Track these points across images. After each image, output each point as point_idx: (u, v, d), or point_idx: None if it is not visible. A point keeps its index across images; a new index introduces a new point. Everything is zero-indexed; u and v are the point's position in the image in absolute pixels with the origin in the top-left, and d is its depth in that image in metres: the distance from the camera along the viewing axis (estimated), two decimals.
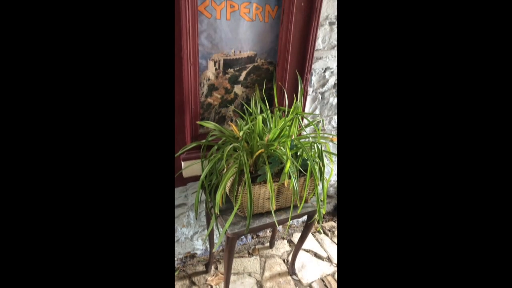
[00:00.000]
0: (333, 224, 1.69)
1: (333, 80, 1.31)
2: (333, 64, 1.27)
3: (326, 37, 1.19)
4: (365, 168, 0.46)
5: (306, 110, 1.31)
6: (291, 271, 1.36)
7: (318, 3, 1.02)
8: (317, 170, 0.87)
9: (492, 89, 0.38)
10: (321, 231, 1.64)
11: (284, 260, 1.44)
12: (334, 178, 1.66)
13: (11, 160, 0.37)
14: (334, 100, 1.38)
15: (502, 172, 0.39)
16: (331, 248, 1.53)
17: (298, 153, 0.94)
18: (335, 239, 1.58)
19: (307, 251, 1.51)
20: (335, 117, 1.44)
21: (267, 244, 1.53)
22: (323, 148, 1.00)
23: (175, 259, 1.35)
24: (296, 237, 1.59)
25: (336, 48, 1.24)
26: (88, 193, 0.41)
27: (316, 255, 1.50)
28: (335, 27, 1.19)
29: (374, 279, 0.45)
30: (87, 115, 0.40)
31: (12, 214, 0.37)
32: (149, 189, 0.44)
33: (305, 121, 1.29)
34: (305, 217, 1.50)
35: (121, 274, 0.42)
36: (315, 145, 0.89)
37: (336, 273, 1.37)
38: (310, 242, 1.56)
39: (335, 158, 1.52)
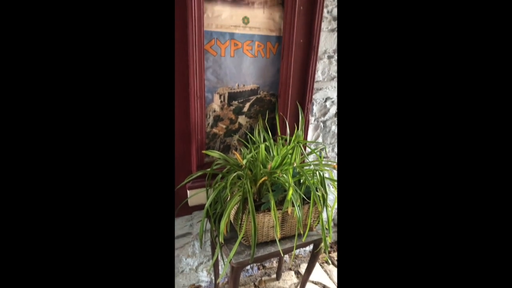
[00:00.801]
0: None
1: (334, 109, 1.36)
2: (333, 94, 1.33)
3: (325, 69, 1.26)
4: (365, 196, 0.47)
5: (309, 139, 1.35)
6: None
7: (316, 39, 1.10)
8: (320, 197, 0.88)
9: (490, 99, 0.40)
10: (329, 261, 1.59)
11: None
12: None
13: (7, 163, 0.38)
14: (335, 128, 1.41)
15: (503, 176, 0.40)
16: None
17: (301, 181, 0.96)
18: None
19: (315, 283, 1.46)
20: None
21: (274, 276, 1.48)
22: (326, 176, 1.02)
23: None
24: (303, 268, 1.54)
25: (335, 79, 1.30)
26: (86, 223, 0.42)
27: (324, 287, 1.44)
28: (333, 60, 1.26)
29: None
30: (89, 143, 0.42)
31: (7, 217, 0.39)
32: (148, 223, 0.45)
33: (309, 149, 1.32)
34: (312, 247, 1.47)
35: None
36: (317, 173, 0.91)
37: None
38: (318, 273, 1.51)
39: None
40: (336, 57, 1.25)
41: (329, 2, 1.14)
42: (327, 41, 1.21)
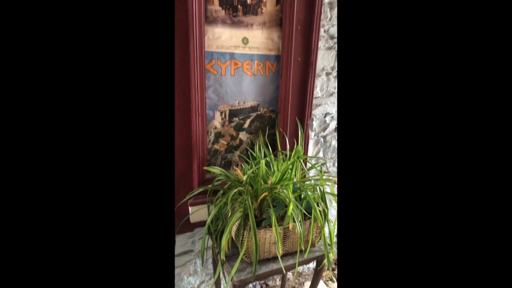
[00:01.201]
0: None
1: (333, 124, 1.38)
2: (332, 109, 1.35)
3: (324, 85, 1.29)
4: (365, 211, 0.47)
5: (309, 154, 1.36)
6: None
7: (313, 57, 1.14)
8: (321, 212, 0.88)
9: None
10: (334, 279, 1.56)
11: None
12: None
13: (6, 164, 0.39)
14: (336, 143, 1.43)
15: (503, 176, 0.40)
16: None
17: (302, 196, 0.96)
18: None
19: None
20: None
21: None
22: (328, 191, 1.02)
23: None
24: (307, 286, 1.51)
25: (333, 95, 1.33)
26: (84, 241, 0.43)
27: None
28: (331, 77, 1.29)
29: None
30: (89, 159, 0.43)
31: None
32: (147, 241, 0.45)
33: (309, 165, 1.32)
34: (315, 264, 1.44)
35: None
36: (318, 187, 0.91)
37: None
38: None
39: None
40: (334, 73, 1.29)
41: (325, 22, 1.19)
42: (325, 58, 1.24)
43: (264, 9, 1.04)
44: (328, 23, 1.20)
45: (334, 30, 1.22)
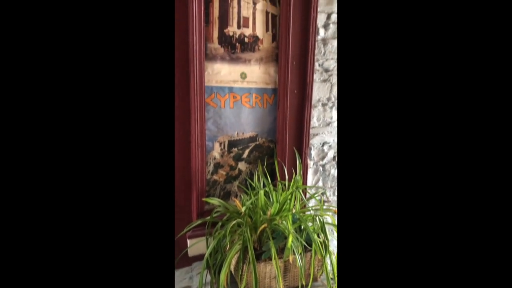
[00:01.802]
0: None
1: (331, 153, 1.39)
2: (329, 138, 1.37)
3: (320, 116, 1.33)
4: (367, 243, 0.46)
5: (309, 183, 1.36)
6: None
7: (309, 89, 1.18)
8: (322, 244, 0.86)
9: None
10: None
11: None
12: None
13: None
14: (335, 172, 1.43)
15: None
16: None
17: (302, 227, 0.95)
18: None
19: None
20: None
21: None
22: (329, 221, 1.00)
23: None
24: None
25: (330, 124, 1.36)
26: (84, 274, 0.42)
27: None
28: (327, 107, 1.33)
29: None
30: (90, 193, 0.43)
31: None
32: (146, 278, 0.45)
33: (309, 194, 1.31)
34: None
35: None
36: (317, 218, 0.90)
37: None
38: None
39: None
40: (330, 104, 1.33)
41: (319, 57, 1.25)
42: (320, 90, 1.29)
43: (261, 46, 1.10)
44: (322, 58, 1.26)
45: (328, 64, 1.28)
